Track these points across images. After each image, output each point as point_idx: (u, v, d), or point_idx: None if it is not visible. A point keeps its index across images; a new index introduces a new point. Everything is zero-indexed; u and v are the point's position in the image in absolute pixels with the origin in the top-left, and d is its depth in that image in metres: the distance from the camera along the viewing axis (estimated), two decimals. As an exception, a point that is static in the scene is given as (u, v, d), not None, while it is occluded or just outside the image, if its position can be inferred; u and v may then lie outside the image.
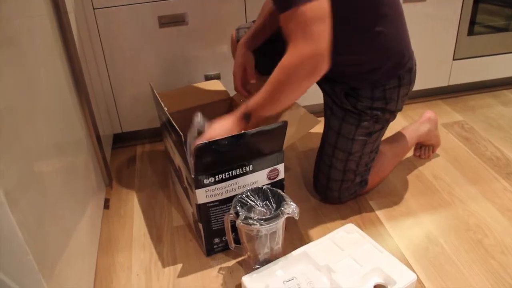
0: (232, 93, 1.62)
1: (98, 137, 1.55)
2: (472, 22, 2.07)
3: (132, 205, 1.62)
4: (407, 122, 1.99)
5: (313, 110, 1.51)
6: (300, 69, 1.12)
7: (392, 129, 1.58)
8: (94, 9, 1.69)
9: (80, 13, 1.63)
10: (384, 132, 1.48)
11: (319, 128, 1.53)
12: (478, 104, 2.22)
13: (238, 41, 1.56)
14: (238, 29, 1.59)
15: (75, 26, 1.47)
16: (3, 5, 0.90)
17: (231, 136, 1.18)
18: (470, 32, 2.09)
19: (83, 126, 1.46)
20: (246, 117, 1.23)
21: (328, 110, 1.46)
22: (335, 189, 1.49)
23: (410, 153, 1.82)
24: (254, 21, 1.59)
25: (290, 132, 1.29)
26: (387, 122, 1.45)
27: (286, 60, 1.13)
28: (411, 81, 1.39)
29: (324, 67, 1.12)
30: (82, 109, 1.46)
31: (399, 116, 1.59)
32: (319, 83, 1.48)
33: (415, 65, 1.40)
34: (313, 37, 1.08)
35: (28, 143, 0.92)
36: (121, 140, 2.02)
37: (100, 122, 1.67)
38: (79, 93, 1.43)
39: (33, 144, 0.95)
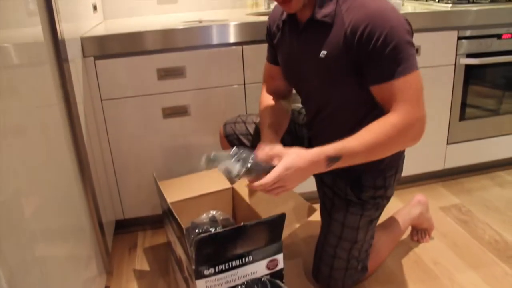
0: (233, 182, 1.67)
1: (100, 224, 1.58)
2: (464, 104, 2.16)
3: (132, 294, 1.62)
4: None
5: (309, 197, 1.55)
6: (410, 131, 1.16)
7: (387, 211, 1.59)
8: (102, 100, 1.78)
9: (89, 103, 1.72)
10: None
11: (317, 215, 1.56)
12: (474, 187, 2.26)
13: (226, 136, 1.61)
14: (225, 125, 1.65)
15: (83, 116, 1.55)
16: (15, 96, 0.96)
17: (231, 229, 1.21)
18: (462, 117, 2.18)
19: (86, 212, 1.49)
20: (333, 160, 1.16)
21: (329, 202, 1.49)
22: (339, 278, 1.49)
23: (408, 238, 1.84)
24: (239, 115, 1.64)
25: (288, 222, 1.32)
26: (384, 208, 1.49)
27: (397, 118, 1.15)
28: (402, 169, 1.46)
29: (422, 134, 1.18)
30: (86, 196, 1.50)
31: (395, 200, 1.62)
32: (320, 175, 1.53)
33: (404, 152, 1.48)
34: (422, 103, 1.15)
35: (31, 228, 0.95)
36: (123, 226, 2.04)
37: (103, 209, 1.70)
38: (84, 180, 1.48)
39: (36, 229, 0.97)
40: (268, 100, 1.52)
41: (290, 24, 1.34)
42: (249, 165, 1.16)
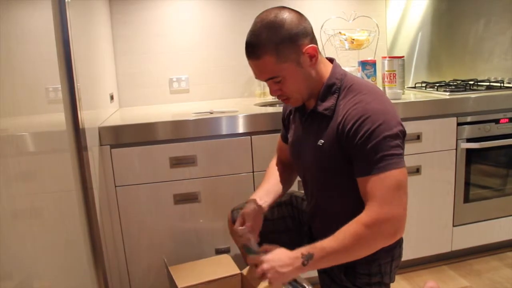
0: (241, 268, 1.69)
1: (110, 310, 1.59)
2: (467, 187, 2.20)
3: None
4: (413, 290, 2.01)
5: (316, 282, 1.56)
6: (381, 229, 1.20)
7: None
8: (116, 186, 1.85)
9: (103, 189, 1.79)
10: None
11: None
12: (483, 268, 2.24)
13: (233, 221, 1.61)
14: (233, 211, 1.67)
15: (97, 200, 1.60)
16: (35, 180, 1.01)
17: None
18: (466, 200, 2.21)
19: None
20: (307, 258, 1.23)
21: None
22: None
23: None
24: (246, 202, 1.64)
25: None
26: None
27: (366, 217, 1.20)
28: (401, 254, 1.47)
29: (401, 232, 1.22)
30: (98, 280, 1.51)
31: (404, 283, 1.62)
32: None
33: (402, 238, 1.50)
34: (397, 202, 1.20)
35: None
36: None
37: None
38: (97, 264, 1.47)
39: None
40: (274, 168, 1.64)
41: (299, 110, 1.44)
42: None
